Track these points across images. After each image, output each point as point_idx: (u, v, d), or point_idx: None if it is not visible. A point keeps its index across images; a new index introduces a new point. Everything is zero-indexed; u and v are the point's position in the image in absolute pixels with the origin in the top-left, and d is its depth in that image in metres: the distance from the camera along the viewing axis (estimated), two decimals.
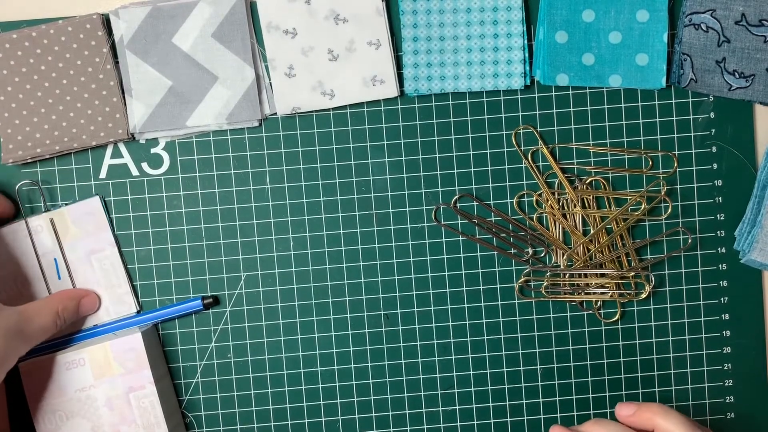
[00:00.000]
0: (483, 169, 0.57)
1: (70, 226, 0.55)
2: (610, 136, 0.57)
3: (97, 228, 0.55)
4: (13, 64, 0.55)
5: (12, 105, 0.55)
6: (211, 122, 0.56)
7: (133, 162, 0.57)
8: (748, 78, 0.55)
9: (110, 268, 0.55)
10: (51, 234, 0.54)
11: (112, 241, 0.55)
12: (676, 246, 0.57)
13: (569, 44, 0.56)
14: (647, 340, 0.58)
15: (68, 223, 0.55)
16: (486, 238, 0.57)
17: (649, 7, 0.55)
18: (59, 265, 0.54)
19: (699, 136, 0.57)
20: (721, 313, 0.58)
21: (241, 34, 0.56)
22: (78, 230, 0.55)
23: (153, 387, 0.54)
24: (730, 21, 0.54)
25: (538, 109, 0.57)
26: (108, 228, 0.55)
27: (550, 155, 0.57)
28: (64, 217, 0.55)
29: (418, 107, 0.57)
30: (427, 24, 0.56)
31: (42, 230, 0.55)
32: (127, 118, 0.56)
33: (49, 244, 0.55)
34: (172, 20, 0.55)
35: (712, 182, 0.57)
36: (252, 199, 0.57)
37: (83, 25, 0.55)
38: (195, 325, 0.58)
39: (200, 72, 0.56)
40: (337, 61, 0.56)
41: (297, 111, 0.56)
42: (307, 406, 0.58)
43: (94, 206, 0.55)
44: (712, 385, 0.58)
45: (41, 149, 0.56)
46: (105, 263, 0.55)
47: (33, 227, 0.55)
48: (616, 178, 0.57)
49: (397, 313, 0.58)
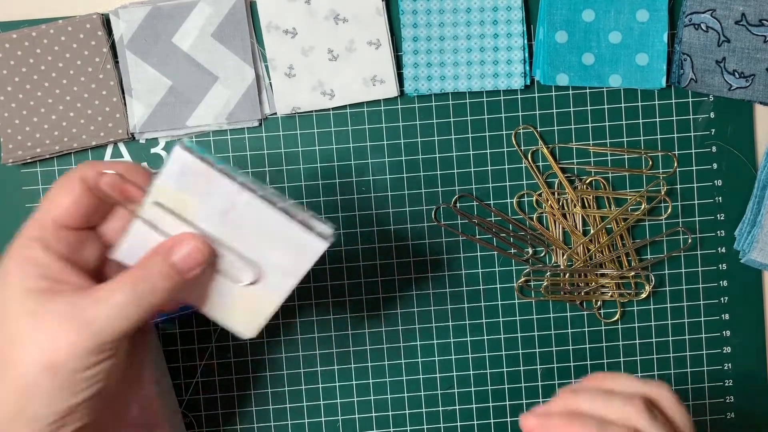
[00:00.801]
0: (483, 169, 0.57)
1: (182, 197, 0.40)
2: (610, 136, 0.57)
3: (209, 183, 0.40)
4: (13, 63, 0.55)
5: (12, 105, 0.55)
6: (211, 122, 0.56)
7: (132, 162, 0.57)
8: (748, 78, 0.55)
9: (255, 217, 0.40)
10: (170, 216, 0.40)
11: (235, 187, 0.39)
12: (676, 246, 0.57)
13: (569, 44, 0.56)
14: (647, 340, 0.58)
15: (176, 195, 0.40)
16: (486, 238, 0.57)
17: (649, 7, 0.55)
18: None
19: (699, 135, 0.57)
20: (721, 313, 0.58)
21: (241, 34, 0.56)
22: (193, 198, 0.40)
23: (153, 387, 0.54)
24: (730, 21, 0.54)
25: (538, 109, 0.57)
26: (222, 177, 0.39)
27: (550, 155, 0.57)
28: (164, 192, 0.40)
29: (418, 107, 0.57)
30: (427, 24, 0.56)
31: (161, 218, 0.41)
32: (127, 118, 0.56)
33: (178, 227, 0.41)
34: (172, 20, 0.55)
35: (712, 182, 0.57)
36: None
37: (83, 25, 0.55)
38: (195, 325, 0.58)
39: (200, 72, 0.56)
40: (337, 61, 0.56)
41: (297, 111, 0.56)
42: (307, 406, 0.58)
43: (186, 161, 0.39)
44: (712, 385, 0.58)
45: (41, 149, 0.56)
46: (247, 216, 0.40)
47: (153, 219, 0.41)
48: (616, 178, 0.57)
49: (397, 313, 0.58)
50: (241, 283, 0.41)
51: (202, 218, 0.40)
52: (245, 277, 0.41)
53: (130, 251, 0.41)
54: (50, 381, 0.37)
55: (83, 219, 0.40)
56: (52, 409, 0.38)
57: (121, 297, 0.38)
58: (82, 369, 0.38)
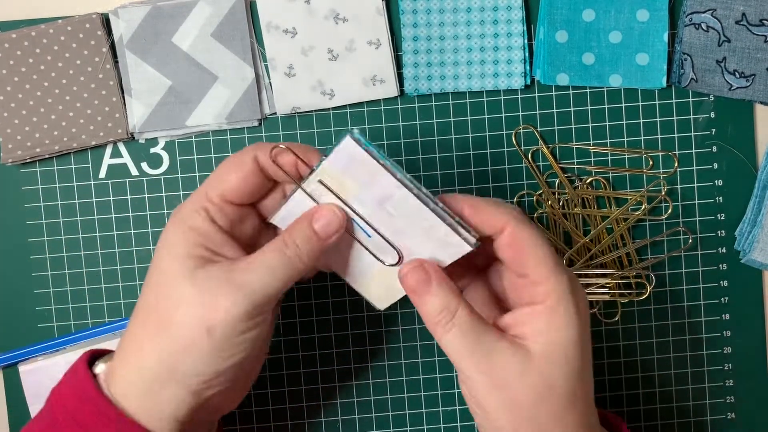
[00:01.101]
0: (483, 169, 0.57)
1: (342, 180, 0.42)
2: (610, 136, 0.57)
3: (370, 173, 0.41)
4: (12, 63, 0.55)
5: (11, 105, 0.55)
6: (210, 122, 0.56)
7: (132, 162, 0.57)
8: (748, 78, 0.55)
9: (408, 211, 0.42)
10: (330, 195, 0.43)
11: (394, 182, 0.41)
12: (677, 246, 0.57)
13: (569, 44, 0.56)
14: (647, 340, 0.58)
15: (339, 177, 0.42)
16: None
17: (649, 7, 0.55)
18: (359, 223, 0.43)
19: (699, 135, 0.57)
20: (721, 313, 0.58)
21: (240, 34, 0.55)
22: (353, 182, 0.42)
23: None
24: (731, 20, 0.54)
25: (539, 109, 0.57)
26: (383, 171, 0.41)
27: (550, 155, 0.57)
28: (329, 174, 0.43)
29: (418, 107, 0.57)
30: (427, 23, 0.56)
31: (321, 194, 0.43)
32: (126, 118, 0.56)
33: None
34: (171, 20, 0.55)
35: (713, 182, 0.57)
36: None
37: (83, 25, 0.55)
38: None
39: (200, 72, 0.56)
40: (337, 61, 0.56)
41: (297, 111, 0.56)
42: (307, 406, 0.58)
43: (355, 151, 0.41)
44: (713, 385, 0.58)
45: (40, 149, 0.56)
46: (401, 208, 0.42)
47: (312, 193, 0.43)
48: (617, 178, 0.57)
49: (397, 313, 0.58)
50: (384, 263, 0.44)
51: (359, 202, 0.43)
52: (388, 259, 0.44)
53: (285, 218, 0.44)
54: (207, 342, 0.40)
55: (248, 196, 0.43)
56: (205, 370, 0.41)
57: (272, 260, 0.41)
58: (236, 333, 0.40)
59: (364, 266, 0.45)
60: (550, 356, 0.40)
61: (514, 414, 0.40)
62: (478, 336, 0.40)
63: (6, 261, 0.57)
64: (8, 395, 0.57)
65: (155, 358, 0.41)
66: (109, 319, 0.57)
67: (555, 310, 0.40)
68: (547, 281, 0.40)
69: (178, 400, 0.41)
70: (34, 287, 0.57)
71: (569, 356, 0.40)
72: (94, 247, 0.57)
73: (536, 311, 0.40)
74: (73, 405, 0.42)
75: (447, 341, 0.41)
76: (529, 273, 0.41)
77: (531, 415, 0.40)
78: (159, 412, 0.41)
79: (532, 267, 0.41)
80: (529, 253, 0.41)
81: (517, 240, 0.41)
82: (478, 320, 0.41)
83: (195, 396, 0.42)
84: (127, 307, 0.57)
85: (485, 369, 0.40)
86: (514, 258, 0.41)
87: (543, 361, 0.40)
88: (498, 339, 0.40)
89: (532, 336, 0.40)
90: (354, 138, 0.41)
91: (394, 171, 0.41)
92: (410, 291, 0.42)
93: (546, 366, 0.40)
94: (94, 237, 0.57)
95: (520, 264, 0.41)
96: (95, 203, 0.57)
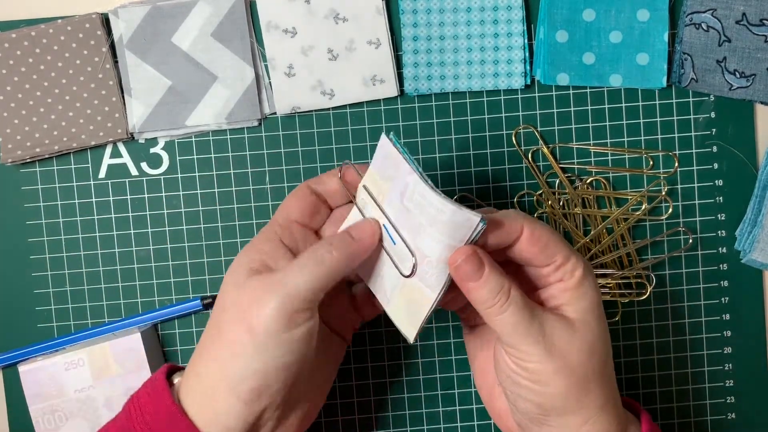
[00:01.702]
0: (483, 169, 0.57)
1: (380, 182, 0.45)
2: (610, 136, 0.57)
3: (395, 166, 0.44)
4: (12, 63, 0.55)
5: (11, 104, 0.55)
6: (210, 122, 0.56)
7: (132, 162, 0.57)
8: (748, 77, 0.55)
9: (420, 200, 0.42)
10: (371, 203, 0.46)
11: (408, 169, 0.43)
12: (677, 246, 0.57)
13: (570, 43, 0.56)
14: (647, 340, 0.58)
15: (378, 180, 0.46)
16: None
17: (649, 7, 0.55)
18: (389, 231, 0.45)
19: (700, 135, 0.57)
20: (721, 313, 0.58)
21: (240, 34, 0.55)
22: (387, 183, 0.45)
23: None
24: (731, 20, 0.54)
25: (539, 109, 0.57)
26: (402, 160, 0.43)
27: (550, 155, 0.57)
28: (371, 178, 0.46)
29: (418, 107, 0.57)
30: (427, 23, 0.56)
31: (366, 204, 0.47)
32: (126, 118, 0.56)
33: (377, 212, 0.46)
34: (171, 20, 0.55)
35: (713, 182, 0.57)
36: (252, 199, 0.57)
37: (82, 25, 0.55)
38: (194, 325, 0.57)
39: (200, 71, 0.56)
40: (336, 61, 0.56)
41: (297, 111, 0.56)
42: None
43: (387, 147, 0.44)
44: (713, 385, 0.58)
45: (40, 149, 0.56)
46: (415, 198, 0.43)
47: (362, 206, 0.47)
48: (617, 178, 0.57)
49: None
50: (401, 273, 0.45)
51: (388, 202, 0.45)
52: (405, 268, 0.44)
53: None
54: (249, 342, 0.43)
55: (309, 216, 0.48)
56: (251, 373, 0.43)
57: (305, 259, 0.44)
58: (276, 332, 0.42)
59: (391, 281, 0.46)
60: (585, 320, 0.44)
61: (568, 377, 0.43)
62: (532, 311, 0.43)
63: (6, 261, 0.57)
64: (8, 395, 0.57)
65: (210, 364, 0.44)
66: (109, 319, 0.57)
67: (582, 281, 0.44)
68: (570, 259, 0.44)
69: (231, 408, 0.43)
70: (34, 287, 0.57)
71: (599, 318, 0.45)
72: (94, 247, 0.57)
73: (568, 285, 0.44)
74: (149, 412, 0.44)
75: (504, 319, 0.43)
76: (555, 259, 0.44)
77: (580, 376, 0.43)
78: (214, 420, 0.44)
79: (556, 253, 0.44)
80: (550, 242, 0.44)
81: (537, 236, 0.44)
82: (527, 298, 0.44)
83: (247, 407, 0.43)
84: (127, 307, 0.57)
85: (540, 339, 0.43)
86: (538, 252, 0.44)
87: (581, 325, 0.44)
88: (545, 312, 0.44)
89: (568, 306, 0.44)
90: (388, 137, 0.44)
91: (411, 165, 0.43)
92: (466, 278, 0.42)
93: (585, 330, 0.44)
94: (94, 237, 0.57)
95: (545, 255, 0.44)
96: (95, 203, 0.57)
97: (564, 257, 0.44)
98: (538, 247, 0.44)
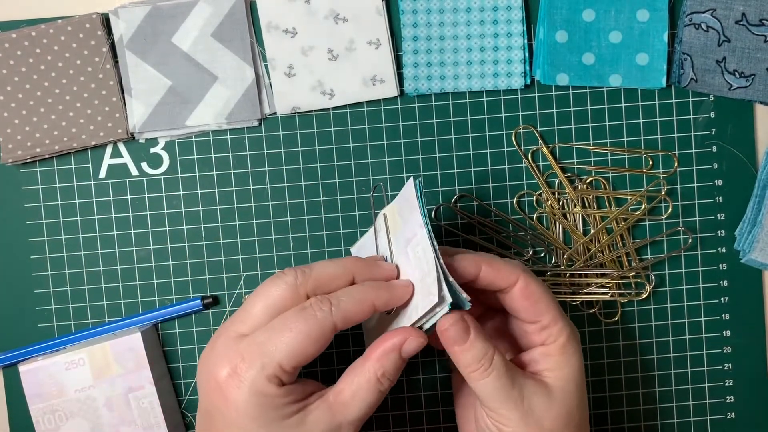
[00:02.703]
0: (483, 169, 0.57)
1: (397, 218, 0.48)
2: (610, 136, 0.57)
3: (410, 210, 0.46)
4: (12, 63, 0.55)
5: (11, 104, 0.55)
6: (210, 122, 0.56)
7: (132, 162, 0.57)
8: (748, 78, 0.55)
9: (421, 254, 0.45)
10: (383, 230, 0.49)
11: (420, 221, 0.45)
12: (677, 246, 0.57)
13: (569, 44, 0.56)
14: (647, 340, 0.58)
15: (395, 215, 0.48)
16: (486, 238, 0.57)
17: (649, 7, 0.55)
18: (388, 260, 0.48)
19: (699, 135, 0.57)
20: (721, 313, 0.58)
21: (240, 34, 0.55)
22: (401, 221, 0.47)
23: (152, 387, 0.54)
24: (731, 20, 0.54)
25: (538, 109, 0.57)
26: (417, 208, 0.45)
27: (550, 155, 0.57)
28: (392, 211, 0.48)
29: (418, 107, 0.57)
30: (427, 23, 0.56)
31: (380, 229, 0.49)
32: (126, 118, 0.56)
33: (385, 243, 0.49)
34: (171, 20, 0.55)
35: (713, 182, 0.57)
36: (252, 199, 0.57)
37: (83, 25, 0.55)
38: (195, 325, 0.57)
39: (200, 72, 0.56)
40: (336, 61, 0.56)
41: (297, 111, 0.56)
42: None
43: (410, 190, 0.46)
44: (713, 385, 0.58)
45: (40, 149, 0.56)
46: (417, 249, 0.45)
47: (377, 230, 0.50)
48: (617, 178, 0.57)
49: None
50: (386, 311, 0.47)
51: (396, 242, 0.47)
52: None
53: (360, 248, 0.53)
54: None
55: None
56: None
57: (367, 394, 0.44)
58: None
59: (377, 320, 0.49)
60: (565, 388, 0.46)
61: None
62: (513, 377, 0.44)
63: (6, 261, 0.57)
64: (8, 395, 0.57)
65: None
66: (109, 318, 0.57)
67: (566, 347, 0.46)
68: (556, 323, 0.46)
69: None
70: (34, 287, 0.57)
71: (579, 387, 0.46)
72: (94, 247, 0.57)
73: (550, 350, 0.46)
74: None
75: (486, 384, 0.44)
76: (542, 318, 0.46)
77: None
78: None
79: (544, 312, 0.46)
80: (541, 300, 0.46)
81: (529, 290, 0.46)
82: (509, 363, 0.45)
83: None
84: (127, 307, 0.57)
85: (519, 405, 0.44)
86: (528, 306, 0.46)
87: (561, 393, 0.45)
88: (526, 378, 0.45)
89: (548, 372, 0.46)
90: (415, 181, 0.46)
91: (423, 215, 0.44)
92: (451, 343, 0.44)
93: (564, 398, 0.45)
94: (94, 237, 0.57)
95: (533, 311, 0.46)
96: (95, 203, 0.57)
97: (551, 319, 0.46)
98: (530, 301, 0.46)
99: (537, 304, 0.46)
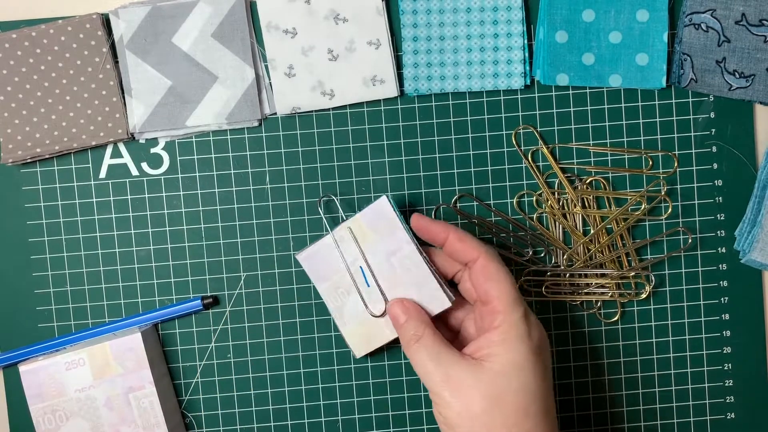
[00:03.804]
0: (483, 169, 0.57)
1: (367, 231, 0.52)
2: (610, 136, 0.57)
3: (391, 228, 0.52)
4: (12, 63, 0.55)
5: (12, 105, 0.55)
6: (210, 122, 0.56)
7: (132, 162, 0.57)
8: (748, 78, 0.55)
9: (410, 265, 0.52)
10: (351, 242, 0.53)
11: (406, 239, 0.52)
12: (677, 246, 0.57)
13: (569, 44, 0.56)
14: (647, 340, 0.58)
15: (364, 228, 0.52)
16: (486, 238, 0.57)
17: (649, 7, 0.55)
18: (365, 273, 0.53)
19: (699, 135, 0.57)
20: (721, 313, 0.58)
21: (240, 34, 0.56)
22: (374, 234, 0.52)
23: (153, 387, 0.54)
24: (731, 21, 0.54)
25: (538, 109, 0.57)
26: (401, 228, 0.52)
27: (550, 155, 0.57)
28: (358, 224, 0.53)
29: (418, 107, 0.57)
30: (427, 24, 0.56)
31: (344, 239, 0.53)
32: (126, 118, 0.56)
33: (354, 253, 0.53)
34: (171, 20, 0.55)
35: (713, 182, 0.57)
36: (252, 199, 0.57)
37: (83, 25, 0.55)
38: (195, 325, 0.58)
39: (200, 72, 0.56)
40: (337, 61, 0.56)
41: (297, 111, 0.56)
42: (307, 406, 0.58)
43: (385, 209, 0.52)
44: (713, 385, 0.58)
45: (41, 149, 0.56)
46: (405, 262, 0.52)
47: (339, 239, 0.53)
48: (616, 178, 0.57)
49: None
50: (373, 314, 0.53)
51: (372, 252, 0.52)
52: (377, 310, 0.53)
53: (310, 255, 0.54)
54: None
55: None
56: None
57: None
58: None
59: (354, 313, 0.53)
60: (502, 372, 0.47)
61: (470, 420, 0.46)
62: (438, 354, 0.48)
63: (7, 261, 0.57)
64: (8, 395, 0.57)
65: None
66: (109, 318, 0.57)
67: (508, 334, 0.48)
68: (504, 310, 0.48)
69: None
70: (34, 287, 0.57)
71: (520, 374, 0.47)
72: (94, 247, 0.57)
73: (492, 336, 0.48)
74: None
75: (412, 354, 0.49)
76: (491, 301, 0.49)
77: (484, 422, 0.46)
78: None
79: (494, 296, 0.49)
80: (493, 281, 0.49)
81: (488, 269, 0.49)
82: (440, 343, 0.49)
83: None
84: (127, 307, 0.57)
85: (444, 379, 0.47)
86: (481, 284, 0.49)
87: (495, 375, 0.47)
88: (457, 357, 0.48)
89: (489, 356, 0.48)
90: (387, 199, 0.52)
91: (405, 227, 0.52)
92: (393, 318, 0.51)
93: (498, 380, 0.47)
94: (94, 237, 0.57)
95: (484, 291, 0.49)
96: (95, 203, 0.57)
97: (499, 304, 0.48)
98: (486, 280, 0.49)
99: (489, 283, 0.49)
